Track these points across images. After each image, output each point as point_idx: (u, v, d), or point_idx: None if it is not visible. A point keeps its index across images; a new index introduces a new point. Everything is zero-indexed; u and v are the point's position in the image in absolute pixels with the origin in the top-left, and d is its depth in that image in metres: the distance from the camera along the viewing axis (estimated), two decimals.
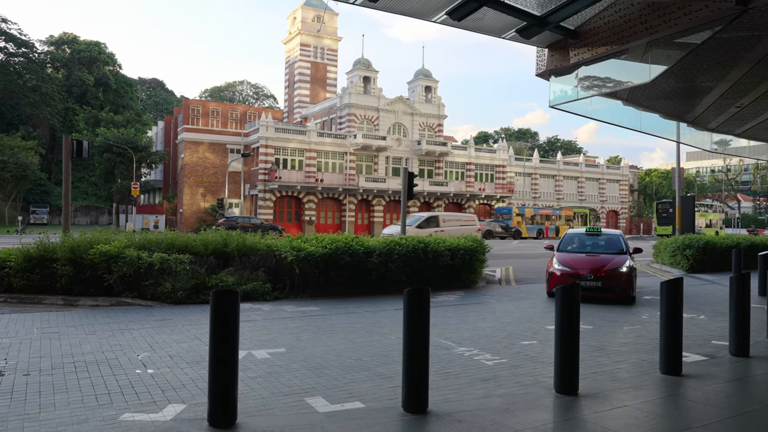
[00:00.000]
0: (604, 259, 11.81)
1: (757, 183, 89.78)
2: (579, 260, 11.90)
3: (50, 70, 73.73)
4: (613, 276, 11.46)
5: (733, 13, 6.62)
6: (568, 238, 13.35)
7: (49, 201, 64.80)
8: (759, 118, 13.29)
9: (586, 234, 13.24)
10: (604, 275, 11.44)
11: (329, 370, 6.25)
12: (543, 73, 9.76)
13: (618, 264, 11.64)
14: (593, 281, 11.38)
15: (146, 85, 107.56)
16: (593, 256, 12.03)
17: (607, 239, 12.95)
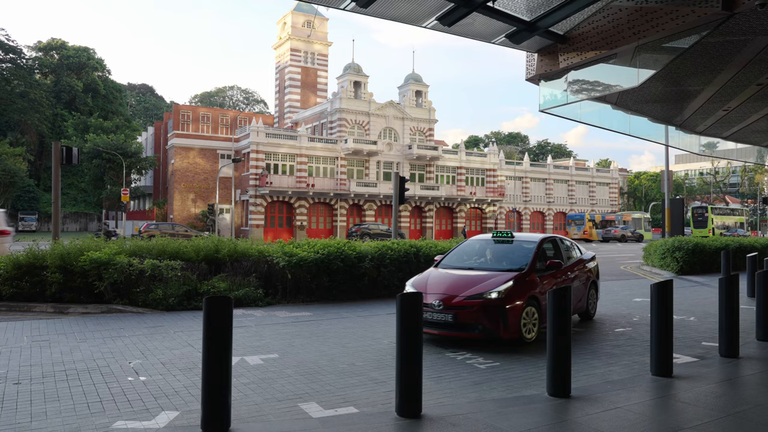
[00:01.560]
0: (475, 280, 8.01)
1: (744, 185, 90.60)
2: (445, 281, 8.19)
3: (38, 76, 73.27)
4: (468, 307, 7.55)
5: (719, 18, 6.70)
6: (465, 246, 9.72)
7: (38, 208, 64.31)
8: (746, 121, 13.44)
9: (493, 241, 9.49)
10: (457, 305, 7.60)
11: (322, 375, 6.24)
12: (533, 77, 9.82)
13: (486, 288, 7.70)
14: (442, 313, 7.64)
15: (136, 91, 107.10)
16: (476, 274, 8.32)
17: (515, 249, 9.05)
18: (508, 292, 7.71)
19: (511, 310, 7.64)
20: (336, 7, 7.58)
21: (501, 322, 7.58)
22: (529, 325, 7.89)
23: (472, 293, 7.72)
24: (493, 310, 7.58)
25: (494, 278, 7.98)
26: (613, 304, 12.14)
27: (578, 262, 9.87)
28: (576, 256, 10.05)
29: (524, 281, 8.04)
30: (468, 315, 7.59)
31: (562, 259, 9.34)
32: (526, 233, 10.57)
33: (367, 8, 7.47)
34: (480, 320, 7.58)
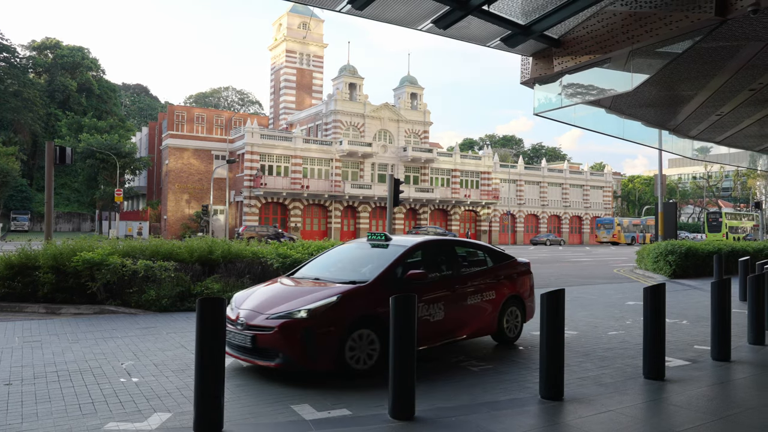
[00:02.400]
0: (297, 294, 6.49)
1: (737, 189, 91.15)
2: (269, 293, 6.68)
3: (32, 75, 72.96)
4: (268, 329, 5.94)
5: (712, 23, 6.75)
6: (337, 250, 8.17)
7: (31, 208, 63.99)
8: (738, 125, 13.53)
9: (369, 245, 7.73)
10: (258, 326, 6.02)
11: (315, 377, 6.23)
12: (527, 81, 9.85)
13: (297, 306, 6.11)
14: (242, 333, 6.09)
15: (130, 91, 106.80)
16: (310, 287, 6.74)
17: (381, 256, 7.19)
18: (324, 312, 5.97)
19: (326, 334, 5.90)
20: (332, 9, 7.58)
21: (306, 349, 5.84)
22: (360, 354, 6.09)
23: (279, 311, 6.09)
24: (297, 333, 5.85)
25: (319, 292, 6.37)
26: (606, 307, 12.18)
27: (482, 274, 7.86)
28: (485, 265, 8.13)
29: (357, 297, 6.26)
30: (267, 338, 5.89)
31: (440, 268, 7.47)
32: (409, 237, 8.13)
33: (363, 10, 7.48)
34: (279, 346, 5.85)
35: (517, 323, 8.25)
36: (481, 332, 7.74)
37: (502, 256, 8.53)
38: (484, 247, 8.59)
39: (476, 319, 7.55)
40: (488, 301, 7.73)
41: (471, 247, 8.54)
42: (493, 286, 7.86)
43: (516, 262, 8.61)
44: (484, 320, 7.67)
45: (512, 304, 8.17)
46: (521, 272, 8.60)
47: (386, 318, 5.72)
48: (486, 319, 7.70)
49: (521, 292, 8.36)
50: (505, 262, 8.43)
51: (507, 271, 8.31)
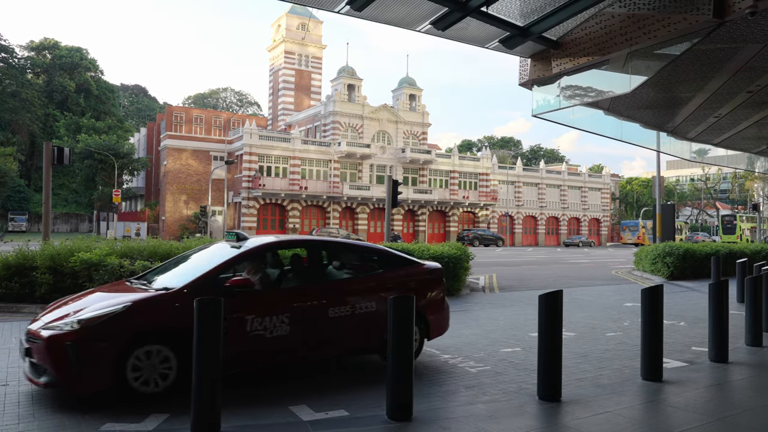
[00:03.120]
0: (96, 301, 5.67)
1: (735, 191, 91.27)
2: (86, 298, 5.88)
3: (30, 76, 72.88)
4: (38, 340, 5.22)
5: (710, 25, 6.77)
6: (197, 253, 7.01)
7: (28, 208, 63.88)
8: (736, 128, 13.56)
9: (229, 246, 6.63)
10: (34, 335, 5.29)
11: (313, 377, 6.23)
12: (526, 82, 9.87)
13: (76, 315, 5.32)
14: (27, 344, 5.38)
15: (128, 92, 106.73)
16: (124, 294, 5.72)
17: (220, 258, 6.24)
18: (100, 323, 5.14)
19: (96, 350, 5.05)
20: (330, 10, 7.59)
21: (72, 366, 5.00)
22: (150, 374, 5.22)
23: (53, 320, 5.37)
24: (63, 348, 5.01)
25: (114, 299, 5.52)
26: (604, 308, 12.19)
27: (360, 282, 6.81)
28: (369, 271, 7.14)
29: (152, 307, 5.45)
30: (37, 351, 5.18)
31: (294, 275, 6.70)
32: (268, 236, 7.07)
33: (362, 11, 7.48)
34: (45, 360, 5.10)
35: (414, 341, 6.42)
36: (353, 350, 6.65)
37: (402, 261, 7.23)
38: (377, 251, 7.34)
39: (344, 334, 6.35)
40: (365, 314, 6.44)
41: (355, 251, 7.48)
42: (375, 297, 6.58)
43: (420, 269, 7.28)
44: (357, 336, 6.46)
45: None
46: (424, 280, 7.22)
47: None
48: (360, 335, 6.47)
49: (422, 304, 6.89)
50: (402, 268, 7.15)
51: (402, 280, 7.01)
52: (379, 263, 7.20)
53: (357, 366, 6.79)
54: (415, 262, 7.32)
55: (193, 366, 4.44)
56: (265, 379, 6.15)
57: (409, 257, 7.38)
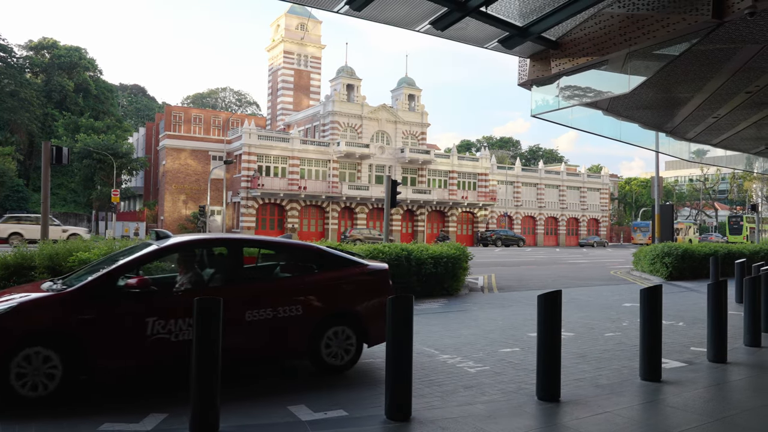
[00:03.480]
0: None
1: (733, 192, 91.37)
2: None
3: (29, 75, 72.77)
4: None
5: (709, 26, 6.77)
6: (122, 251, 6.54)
7: (27, 208, 63.71)
8: (735, 128, 13.57)
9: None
10: None
11: (312, 378, 6.22)
12: (525, 82, 9.87)
13: None
14: None
15: (127, 91, 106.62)
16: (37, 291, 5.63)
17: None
18: None
19: None
20: (330, 10, 7.59)
21: None
22: (36, 377, 5.04)
23: None
24: None
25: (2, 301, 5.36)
26: (603, 308, 12.19)
27: (283, 283, 6.47)
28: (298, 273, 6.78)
29: (41, 309, 5.26)
30: None
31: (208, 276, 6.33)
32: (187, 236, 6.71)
33: (361, 11, 7.48)
34: None
35: (349, 347, 6.43)
36: (275, 355, 6.28)
37: (340, 261, 6.75)
38: (310, 251, 6.87)
39: (263, 339, 5.99)
40: (289, 318, 6.07)
41: (284, 251, 7.04)
42: (302, 299, 6.22)
43: (360, 270, 6.77)
44: (280, 340, 6.10)
45: (340, 323, 6.41)
46: (365, 282, 6.75)
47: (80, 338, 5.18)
48: (283, 339, 6.10)
49: (359, 308, 6.57)
50: (340, 269, 6.68)
51: (336, 282, 6.57)
52: (313, 264, 6.76)
53: (355, 366, 6.78)
54: (357, 263, 6.83)
55: (191, 365, 4.43)
56: (263, 378, 6.14)
57: (351, 257, 6.88)
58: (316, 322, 6.26)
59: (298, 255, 7.02)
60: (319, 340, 6.25)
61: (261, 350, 6.08)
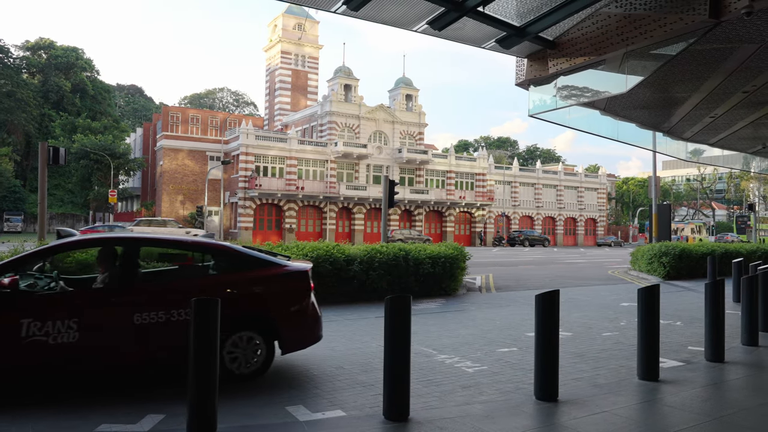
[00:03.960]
0: None
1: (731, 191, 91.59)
2: None
3: (26, 76, 72.64)
4: None
5: (706, 25, 6.78)
6: None
7: (24, 209, 63.62)
8: (732, 128, 13.60)
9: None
10: None
11: (310, 378, 6.21)
12: (522, 82, 9.87)
13: None
14: None
15: (124, 92, 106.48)
16: None
17: None
18: None
19: None
20: (327, 10, 7.58)
21: None
22: None
23: None
24: None
25: None
26: (601, 308, 12.20)
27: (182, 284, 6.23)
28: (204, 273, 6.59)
29: None
30: None
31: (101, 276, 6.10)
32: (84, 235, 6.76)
33: (358, 11, 7.47)
34: None
35: (256, 354, 6.06)
36: (172, 360, 5.86)
37: (253, 262, 6.35)
38: (217, 250, 6.55)
39: (156, 343, 5.70)
40: (184, 322, 5.64)
41: (188, 250, 6.77)
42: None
43: (274, 272, 6.33)
44: (176, 345, 5.64)
45: (246, 328, 6.04)
46: (278, 285, 6.30)
47: None
48: (178, 345, 5.56)
49: (271, 313, 6.20)
50: (250, 271, 6.26)
51: (242, 284, 6.16)
52: (223, 264, 6.47)
53: (353, 366, 6.78)
54: (272, 264, 6.39)
55: (189, 366, 4.42)
56: (261, 379, 6.13)
57: (266, 258, 6.46)
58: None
59: (201, 255, 6.71)
60: (222, 346, 5.83)
61: (152, 354, 5.77)
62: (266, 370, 6.18)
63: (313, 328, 6.45)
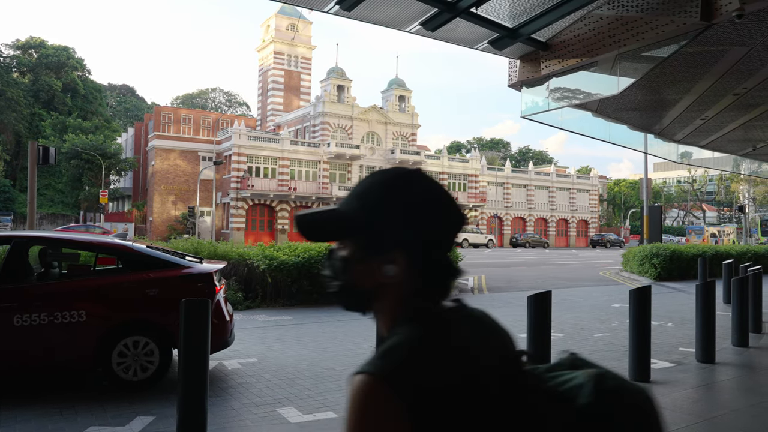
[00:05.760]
0: None
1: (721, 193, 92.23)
2: None
3: (16, 75, 72.10)
4: None
5: (697, 28, 6.80)
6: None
7: (13, 209, 63.12)
8: (723, 130, 13.67)
9: None
10: None
11: (301, 380, 6.18)
12: (515, 84, 9.87)
13: None
14: None
15: (116, 91, 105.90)
16: None
17: None
18: None
19: None
20: (320, 10, 7.55)
21: None
22: None
23: None
24: None
25: None
26: (592, 309, 12.24)
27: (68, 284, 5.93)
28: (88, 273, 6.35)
29: None
30: None
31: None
32: None
33: (351, 11, 7.45)
34: None
35: (151, 360, 5.71)
36: (63, 365, 5.72)
37: (146, 262, 5.99)
38: (111, 250, 6.34)
39: (38, 347, 5.46)
40: (69, 325, 5.42)
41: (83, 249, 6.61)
42: (86, 305, 5.57)
43: (173, 274, 6.00)
44: (60, 351, 5.52)
45: (139, 333, 5.73)
46: (175, 288, 5.90)
47: None
48: (64, 350, 5.51)
49: (166, 317, 5.78)
50: (142, 272, 5.91)
51: (134, 286, 5.84)
52: (120, 264, 6.18)
53: (345, 367, 6.75)
54: (173, 266, 6.05)
55: (179, 367, 4.38)
56: (252, 380, 6.09)
57: (169, 259, 6.15)
58: (105, 331, 5.60)
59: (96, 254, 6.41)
60: (110, 351, 5.56)
61: (36, 359, 5.55)
62: (161, 378, 5.78)
63: (216, 334, 5.73)
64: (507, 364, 1.05)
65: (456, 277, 1.09)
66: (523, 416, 0.94)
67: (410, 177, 1.06)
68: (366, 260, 1.03)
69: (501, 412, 0.93)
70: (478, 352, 1.01)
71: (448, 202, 1.05)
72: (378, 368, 0.90)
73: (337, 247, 1.08)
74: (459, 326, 1.05)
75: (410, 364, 0.91)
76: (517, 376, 1.02)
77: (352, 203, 1.07)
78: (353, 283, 1.06)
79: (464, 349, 0.99)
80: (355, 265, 1.04)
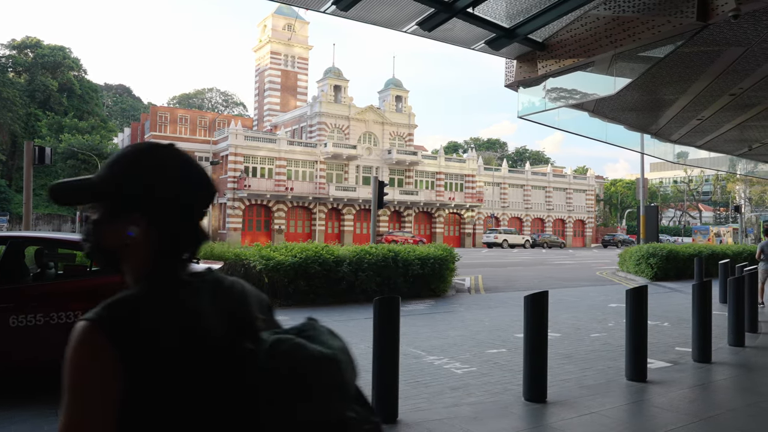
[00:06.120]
0: None
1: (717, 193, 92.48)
2: None
3: (11, 75, 71.80)
4: None
5: (694, 28, 6.81)
6: None
7: (9, 209, 62.86)
8: (719, 130, 13.70)
9: None
10: None
11: None
12: (511, 84, 9.88)
13: None
14: None
15: (112, 91, 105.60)
16: None
17: None
18: None
19: None
20: (316, 10, 7.54)
21: None
22: None
23: None
24: None
25: None
26: (589, 309, 12.25)
27: (64, 285, 5.91)
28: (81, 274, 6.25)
29: None
30: None
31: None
32: None
33: (348, 11, 7.44)
34: None
35: None
36: (51, 367, 5.30)
37: None
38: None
39: (33, 350, 5.47)
40: (65, 326, 5.36)
41: (74, 249, 6.60)
42: (83, 306, 5.49)
43: None
44: (55, 352, 4.65)
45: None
46: None
47: None
48: (59, 351, 5.31)
49: None
50: None
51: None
52: None
53: None
54: None
55: None
56: None
57: None
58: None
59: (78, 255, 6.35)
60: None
61: (33, 360, 5.50)
62: None
63: None
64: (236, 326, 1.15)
65: (201, 243, 1.21)
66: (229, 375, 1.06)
67: (157, 149, 1.16)
68: (111, 223, 1.13)
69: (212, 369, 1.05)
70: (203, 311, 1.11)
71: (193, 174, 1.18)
72: (97, 315, 1.01)
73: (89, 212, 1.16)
74: (192, 287, 1.15)
75: (128, 315, 1.02)
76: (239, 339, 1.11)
77: (102, 171, 1.15)
78: (101, 244, 1.15)
79: (187, 308, 1.09)
80: (103, 227, 1.14)
